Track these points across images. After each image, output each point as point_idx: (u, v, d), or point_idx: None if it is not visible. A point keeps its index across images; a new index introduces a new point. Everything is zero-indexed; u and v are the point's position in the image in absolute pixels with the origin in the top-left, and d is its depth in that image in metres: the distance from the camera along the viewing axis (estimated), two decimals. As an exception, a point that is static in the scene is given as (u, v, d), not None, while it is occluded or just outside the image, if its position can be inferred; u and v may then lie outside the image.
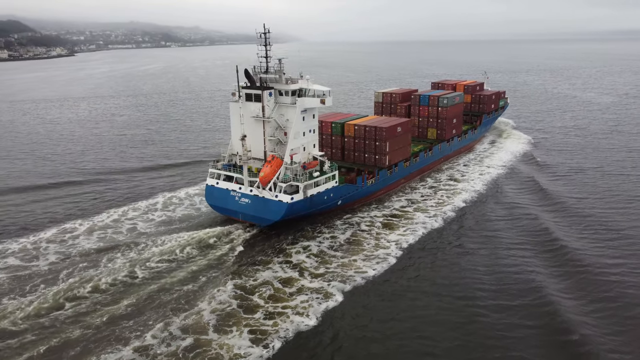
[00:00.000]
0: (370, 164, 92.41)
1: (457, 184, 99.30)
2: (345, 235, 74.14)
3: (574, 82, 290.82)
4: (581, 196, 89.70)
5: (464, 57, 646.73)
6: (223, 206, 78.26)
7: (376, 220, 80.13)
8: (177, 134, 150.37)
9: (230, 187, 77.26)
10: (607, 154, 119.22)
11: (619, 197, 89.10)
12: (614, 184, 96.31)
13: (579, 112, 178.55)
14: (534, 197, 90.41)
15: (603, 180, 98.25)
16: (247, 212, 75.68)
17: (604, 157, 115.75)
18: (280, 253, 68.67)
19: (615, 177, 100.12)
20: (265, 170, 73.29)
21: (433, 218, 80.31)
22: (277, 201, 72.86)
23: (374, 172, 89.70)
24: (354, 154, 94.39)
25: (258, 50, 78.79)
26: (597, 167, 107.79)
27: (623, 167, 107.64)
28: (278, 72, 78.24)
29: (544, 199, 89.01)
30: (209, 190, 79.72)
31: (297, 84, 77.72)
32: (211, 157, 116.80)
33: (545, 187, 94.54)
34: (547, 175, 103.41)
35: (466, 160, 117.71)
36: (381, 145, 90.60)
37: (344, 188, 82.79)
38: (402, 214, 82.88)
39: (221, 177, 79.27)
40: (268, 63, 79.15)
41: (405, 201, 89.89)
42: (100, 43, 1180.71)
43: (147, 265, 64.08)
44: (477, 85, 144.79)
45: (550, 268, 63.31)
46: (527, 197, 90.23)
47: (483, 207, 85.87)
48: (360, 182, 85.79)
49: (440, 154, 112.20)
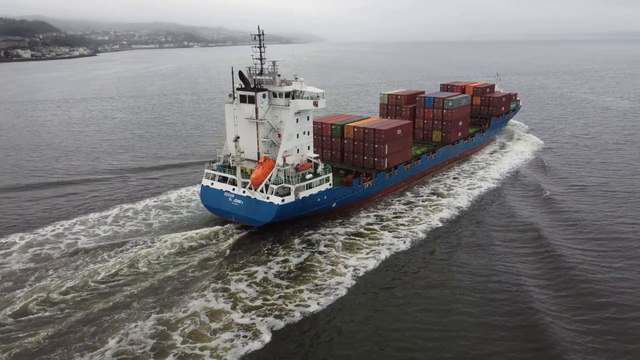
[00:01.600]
0: (369, 167, 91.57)
1: (450, 190, 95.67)
2: (300, 258, 66.75)
3: (594, 85, 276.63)
4: (579, 216, 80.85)
5: (485, 58, 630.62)
6: (217, 207, 78.44)
7: (337, 239, 72.91)
8: (161, 139, 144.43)
9: (224, 188, 77.83)
10: (615, 167, 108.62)
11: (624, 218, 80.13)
12: (616, 204, 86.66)
13: (593, 119, 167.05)
14: (530, 210, 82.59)
15: (605, 201, 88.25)
16: (239, 213, 75.67)
17: (611, 172, 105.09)
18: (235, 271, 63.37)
19: (619, 197, 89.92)
20: (257, 171, 73.34)
21: (418, 230, 75.63)
22: (268, 203, 72.67)
23: (371, 175, 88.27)
24: (353, 156, 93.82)
25: (253, 51, 78.57)
26: (600, 184, 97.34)
27: (631, 184, 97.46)
28: (272, 73, 78.35)
29: (541, 208, 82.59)
30: (204, 191, 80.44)
31: (291, 85, 77.60)
32: (193, 161, 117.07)
33: (539, 201, 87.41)
34: (543, 187, 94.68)
35: (469, 165, 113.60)
36: (380, 147, 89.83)
37: (339, 190, 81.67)
38: (368, 232, 75.38)
39: (216, 177, 79.75)
40: (263, 65, 79.02)
41: (401, 205, 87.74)
42: (124, 43, 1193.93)
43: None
44: (487, 87, 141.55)
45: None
46: (523, 211, 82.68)
47: (476, 216, 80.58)
48: (357, 184, 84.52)
49: (444, 157, 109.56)
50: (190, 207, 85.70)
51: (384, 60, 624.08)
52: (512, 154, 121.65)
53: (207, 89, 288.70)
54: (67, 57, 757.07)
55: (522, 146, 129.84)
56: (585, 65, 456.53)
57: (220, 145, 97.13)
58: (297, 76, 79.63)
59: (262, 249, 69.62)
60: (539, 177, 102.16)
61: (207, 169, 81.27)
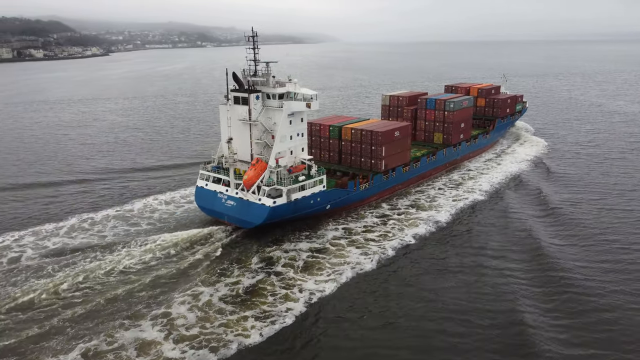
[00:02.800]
0: (366, 169, 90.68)
1: (433, 202, 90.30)
2: (254, 279, 61.50)
3: (606, 87, 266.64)
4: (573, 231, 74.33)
5: (499, 58, 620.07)
6: (210, 208, 78.40)
7: (299, 257, 67.47)
8: (144, 143, 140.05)
9: (218, 189, 77.69)
10: (615, 180, 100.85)
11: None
12: (612, 222, 79.69)
13: (599, 125, 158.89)
14: (514, 234, 75.96)
15: (599, 219, 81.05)
16: (232, 214, 75.57)
17: (611, 186, 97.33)
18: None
19: (616, 215, 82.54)
20: (249, 173, 73.02)
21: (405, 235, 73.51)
22: (260, 204, 72.48)
23: (367, 177, 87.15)
24: (350, 157, 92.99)
25: (247, 52, 78.01)
26: (596, 199, 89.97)
27: (631, 198, 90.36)
28: (265, 75, 78.16)
29: (525, 233, 74.98)
30: (198, 192, 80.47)
31: (284, 87, 77.14)
32: (172, 165, 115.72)
33: (526, 223, 79.71)
34: (533, 205, 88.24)
35: (459, 174, 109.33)
36: (377, 149, 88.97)
37: (333, 192, 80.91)
38: (334, 249, 69.51)
39: (210, 178, 79.51)
40: (257, 66, 78.53)
41: (373, 218, 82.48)
42: (137, 43, 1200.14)
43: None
44: (492, 88, 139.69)
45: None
46: (506, 233, 76.20)
47: (454, 234, 75.20)
48: (352, 186, 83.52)
49: (445, 159, 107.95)
50: (152, 218, 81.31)
51: (394, 60, 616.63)
52: (508, 162, 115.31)
53: (207, 90, 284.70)
54: (79, 56, 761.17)
55: (524, 151, 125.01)
56: (599, 66, 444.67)
57: (212, 146, 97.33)
58: (291, 77, 78.64)
59: (215, 268, 64.53)
60: (531, 192, 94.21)
61: (202, 169, 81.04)
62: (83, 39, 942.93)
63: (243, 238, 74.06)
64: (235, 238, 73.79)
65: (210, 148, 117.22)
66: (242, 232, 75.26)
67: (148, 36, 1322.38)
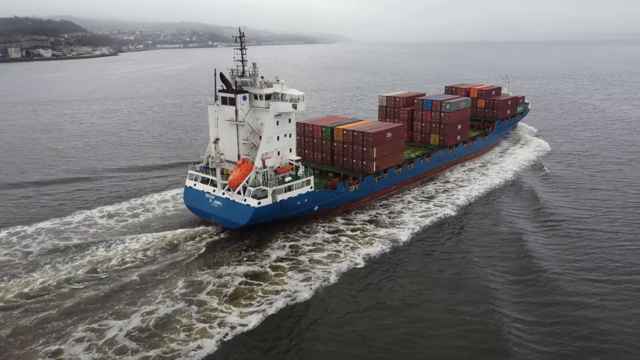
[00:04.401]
0: (357, 170, 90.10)
1: (397, 217, 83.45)
2: (171, 308, 54.67)
3: (613, 91, 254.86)
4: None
5: (512, 59, 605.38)
6: (198, 208, 78.47)
7: (232, 282, 60.82)
8: (112, 149, 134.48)
9: (206, 189, 77.82)
10: (605, 197, 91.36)
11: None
12: (598, 247, 71.54)
13: (599, 132, 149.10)
14: (482, 263, 68.25)
15: (583, 244, 72.29)
16: (218, 214, 75.69)
17: (600, 202, 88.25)
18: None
19: (602, 239, 74.08)
20: (235, 173, 73.05)
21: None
22: (245, 205, 72.44)
23: (358, 178, 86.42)
24: (342, 158, 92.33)
25: (235, 53, 78.38)
26: (584, 218, 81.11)
27: (618, 218, 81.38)
28: (253, 75, 78.41)
29: (496, 260, 67.07)
30: (187, 192, 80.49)
31: (271, 88, 77.19)
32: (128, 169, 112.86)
33: (497, 249, 72.26)
34: (508, 226, 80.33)
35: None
36: (368, 150, 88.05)
37: (321, 194, 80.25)
38: (272, 274, 62.66)
39: (198, 179, 79.54)
40: (244, 67, 78.73)
41: (326, 234, 76.01)
42: (148, 42, 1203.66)
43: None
44: (492, 89, 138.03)
45: None
46: (469, 259, 68.40)
47: (409, 259, 66.88)
48: (341, 188, 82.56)
49: (440, 161, 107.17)
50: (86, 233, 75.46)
51: (402, 61, 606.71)
52: (493, 173, 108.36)
53: (201, 90, 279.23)
54: (87, 56, 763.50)
55: (522, 156, 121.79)
56: (612, 67, 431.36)
57: (201, 145, 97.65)
58: (278, 78, 78.58)
59: (144, 290, 58.56)
60: (509, 211, 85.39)
61: (191, 169, 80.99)
62: (94, 38, 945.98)
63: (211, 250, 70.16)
64: (203, 248, 70.18)
65: (198, 148, 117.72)
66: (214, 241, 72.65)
67: (159, 36, 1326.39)
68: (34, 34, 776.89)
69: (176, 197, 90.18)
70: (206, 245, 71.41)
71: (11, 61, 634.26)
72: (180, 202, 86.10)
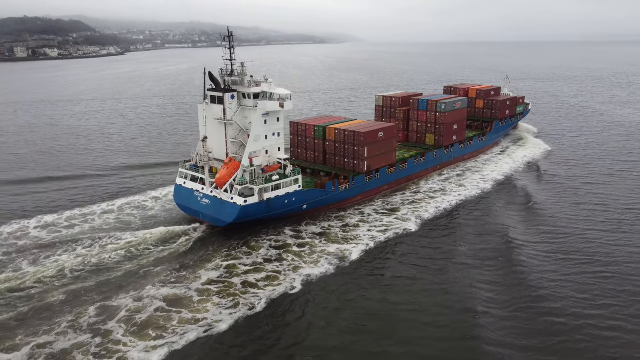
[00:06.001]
0: (349, 169, 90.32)
1: (350, 232, 76.95)
2: (71, 342, 48.45)
3: (617, 93, 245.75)
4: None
5: (522, 60, 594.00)
6: (187, 206, 79.26)
7: (149, 307, 54.53)
8: (80, 152, 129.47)
9: (195, 188, 78.58)
10: (586, 216, 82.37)
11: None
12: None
13: (594, 137, 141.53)
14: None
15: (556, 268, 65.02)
16: (206, 212, 76.35)
17: (574, 223, 79.35)
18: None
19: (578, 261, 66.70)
20: (222, 172, 73.98)
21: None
22: (231, 203, 72.96)
23: (348, 178, 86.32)
24: (334, 158, 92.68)
25: (223, 52, 79.24)
26: (560, 244, 72.20)
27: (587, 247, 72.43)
28: (241, 75, 79.29)
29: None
30: (177, 190, 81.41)
31: (259, 87, 77.84)
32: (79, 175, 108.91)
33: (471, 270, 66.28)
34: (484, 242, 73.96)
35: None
36: (359, 150, 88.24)
37: (309, 193, 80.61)
38: (194, 296, 56.88)
39: (188, 177, 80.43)
40: (233, 66, 79.41)
41: (267, 251, 68.96)
42: (157, 42, 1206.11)
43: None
44: (491, 90, 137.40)
45: None
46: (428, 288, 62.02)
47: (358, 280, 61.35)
48: (331, 187, 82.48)
49: (435, 161, 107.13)
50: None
51: (408, 62, 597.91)
52: (476, 179, 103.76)
53: (191, 91, 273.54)
54: (94, 56, 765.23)
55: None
56: (622, 68, 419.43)
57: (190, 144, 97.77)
58: (266, 77, 79.16)
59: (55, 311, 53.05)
60: (486, 225, 79.40)
61: (181, 167, 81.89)
62: (102, 38, 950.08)
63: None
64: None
65: (188, 147, 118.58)
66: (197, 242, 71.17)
67: (169, 36, 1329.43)
68: (43, 33, 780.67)
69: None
70: (152, 260, 65.60)
71: (17, 60, 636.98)
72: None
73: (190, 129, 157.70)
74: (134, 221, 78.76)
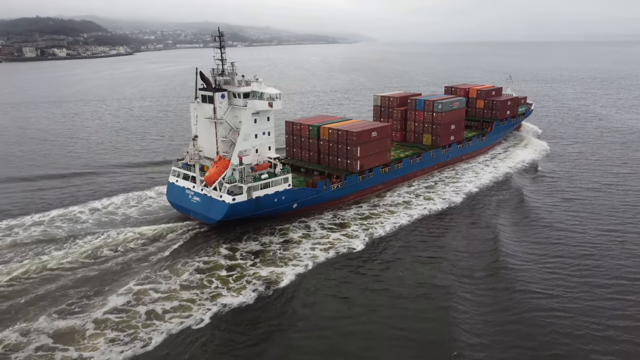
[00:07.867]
0: (342, 169, 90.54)
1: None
2: None
3: (622, 96, 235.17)
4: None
5: (530, 61, 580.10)
6: (179, 204, 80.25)
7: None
8: (37, 156, 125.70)
9: (186, 186, 79.55)
10: (567, 236, 74.50)
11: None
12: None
13: (590, 145, 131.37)
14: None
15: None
16: (197, 210, 77.28)
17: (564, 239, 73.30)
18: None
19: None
20: (211, 170, 75.20)
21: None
22: (220, 201, 73.81)
23: (340, 177, 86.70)
24: (328, 157, 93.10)
25: (214, 52, 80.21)
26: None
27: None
28: (231, 74, 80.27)
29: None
30: (169, 188, 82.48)
31: (249, 86, 78.71)
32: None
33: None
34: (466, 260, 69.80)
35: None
36: (352, 149, 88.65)
37: (299, 192, 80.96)
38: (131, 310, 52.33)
39: (180, 175, 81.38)
40: (224, 65, 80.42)
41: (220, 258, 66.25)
42: (169, 42, 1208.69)
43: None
44: (492, 90, 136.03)
45: None
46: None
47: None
48: (322, 186, 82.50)
49: (432, 161, 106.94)
50: None
51: (413, 62, 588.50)
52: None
53: (181, 93, 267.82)
54: (103, 55, 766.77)
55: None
56: (633, 68, 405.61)
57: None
58: (257, 77, 79.86)
59: None
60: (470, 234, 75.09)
61: (174, 166, 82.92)
62: (113, 38, 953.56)
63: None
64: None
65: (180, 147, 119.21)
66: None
67: (180, 36, 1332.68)
68: (54, 33, 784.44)
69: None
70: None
71: (25, 60, 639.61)
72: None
73: (185, 128, 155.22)
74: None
